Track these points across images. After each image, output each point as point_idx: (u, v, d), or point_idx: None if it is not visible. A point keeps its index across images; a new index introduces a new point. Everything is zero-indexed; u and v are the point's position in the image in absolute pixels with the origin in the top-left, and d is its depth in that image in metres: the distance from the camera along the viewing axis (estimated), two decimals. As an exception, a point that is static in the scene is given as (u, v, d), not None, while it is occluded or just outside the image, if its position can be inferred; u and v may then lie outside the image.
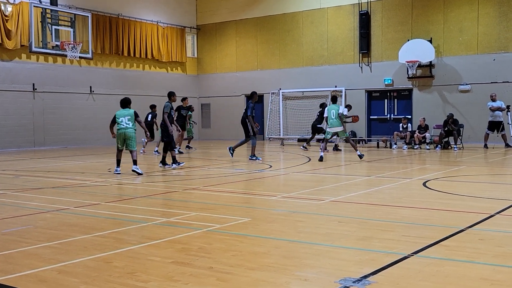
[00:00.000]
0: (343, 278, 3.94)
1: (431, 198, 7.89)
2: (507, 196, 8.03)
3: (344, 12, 23.60)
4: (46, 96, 21.75)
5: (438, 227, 5.77)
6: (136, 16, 25.06)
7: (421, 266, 4.27)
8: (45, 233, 5.74)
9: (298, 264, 4.42)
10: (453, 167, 12.64)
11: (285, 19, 25.30)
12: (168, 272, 4.23)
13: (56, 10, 20.38)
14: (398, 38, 22.16)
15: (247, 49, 26.66)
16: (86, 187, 9.68)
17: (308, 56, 24.69)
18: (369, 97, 23.51)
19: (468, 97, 20.89)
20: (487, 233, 5.48)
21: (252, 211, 6.94)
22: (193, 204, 7.62)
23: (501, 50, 20.24)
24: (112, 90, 23.83)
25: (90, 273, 4.24)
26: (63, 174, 11.89)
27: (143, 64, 25.81)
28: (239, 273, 4.18)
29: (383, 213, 6.71)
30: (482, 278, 3.95)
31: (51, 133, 21.92)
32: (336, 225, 5.98)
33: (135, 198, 8.25)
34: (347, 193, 8.54)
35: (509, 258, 4.50)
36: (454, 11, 21.14)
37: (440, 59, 21.46)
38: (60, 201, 7.96)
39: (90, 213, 7.00)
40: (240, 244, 5.10)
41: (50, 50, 20.25)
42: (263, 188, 9.46)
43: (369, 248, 4.88)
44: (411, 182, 9.75)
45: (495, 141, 18.76)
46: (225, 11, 27.20)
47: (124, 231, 5.79)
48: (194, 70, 28.46)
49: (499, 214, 6.44)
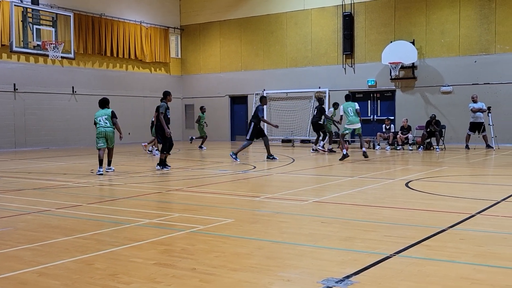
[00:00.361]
0: (325, 278, 3.96)
1: (413, 199, 7.96)
2: (487, 196, 8.13)
3: (327, 13, 23.71)
4: (27, 97, 21.49)
5: (420, 227, 5.82)
6: (119, 16, 24.90)
7: (403, 266, 4.30)
8: (25, 235, 5.66)
9: (281, 264, 4.42)
10: (435, 167, 12.76)
11: (269, 20, 25.34)
12: (150, 273, 4.20)
13: (37, 9, 20.16)
14: (381, 39, 22.32)
15: (231, 49, 26.64)
16: (67, 188, 9.58)
17: (292, 57, 24.75)
18: (353, 98, 23.55)
19: (450, 98, 21.12)
20: (468, 233, 5.54)
21: (235, 212, 6.93)
22: (176, 205, 7.59)
23: (482, 52, 20.50)
24: (94, 90, 23.62)
25: (71, 275, 4.20)
26: (44, 175, 11.75)
27: (126, 64, 25.65)
28: (222, 274, 4.17)
29: (365, 214, 6.75)
30: (462, 278, 4.00)
31: (32, 134, 21.66)
32: (319, 226, 6.00)
33: (118, 200, 8.18)
34: (330, 194, 8.57)
35: (489, 258, 4.55)
36: (436, 14, 21.37)
37: (423, 61, 21.67)
38: (41, 202, 7.87)
39: (71, 214, 6.93)
40: (223, 245, 5.09)
41: (32, 50, 20.03)
42: (247, 189, 9.45)
43: (352, 248, 4.90)
44: (394, 183, 9.83)
45: (476, 142, 18.99)
46: (209, 11, 27.15)
47: (106, 232, 5.75)
48: (177, 70, 28.37)
49: (479, 214, 6.52)
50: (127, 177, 11.18)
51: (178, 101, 28.11)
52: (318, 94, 22.27)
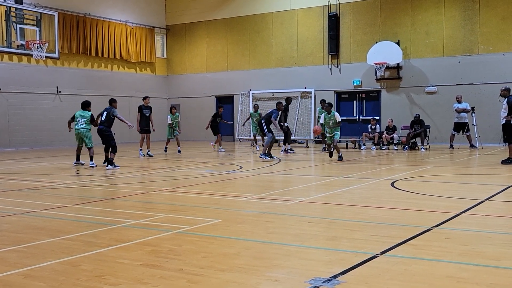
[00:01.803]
0: (313, 278, 3.97)
1: (399, 198, 8.02)
2: (472, 195, 8.22)
3: (313, 13, 23.79)
4: (10, 97, 21.25)
5: (405, 227, 5.87)
6: (104, 15, 24.73)
7: (390, 265, 4.33)
8: (10, 237, 5.60)
9: (268, 264, 4.43)
10: (420, 167, 12.87)
11: (255, 20, 25.35)
12: (137, 274, 4.18)
13: (21, 8, 19.95)
14: (366, 40, 22.46)
15: (217, 49, 26.60)
16: (52, 189, 9.49)
17: (278, 57, 24.79)
18: (338, 98, 23.75)
19: (434, 98, 21.32)
20: (453, 232, 5.60)
21: (222, 212, 6.92)
22: (162, 206, 7.56)
23: (466, 52, 20.72)
24: (79, 90, 23.43)
25: (57, 277, 4.16)
26: (28, 176, 11.63)
27: (111, 64, 25.48)
28: (210, 275, 4.16)
29: (352, 213, 6.78)
30: (448, 276, 4.04)
31: (16, 134, 21.42)
32: (306, 226, 6.02)
33: (103, 200, 8.13)
34: (316, 194, 8.60)
35: (474, 257, 4.61)
36: (421, 14, 21.55)
37: (408, 61, 21.84)
38: (25, 203, 7.79)
39: (57, 215, 6.87)
40: (210, 246, 5.08)
41: (15, 49, 19.81)
42: (233, 189, 9.45)
43: (339, 248, 4.93)
44: (379, 183, 9.89)
45: (461, 141, 19.19)
46: (195, 11, 27.08)
47: (92, 233, 5.71)
48: (163, 70, 28.25)
49: (464, 213, 6.59)
50: (113, 178, 11.11)
51: (163, 101, 28.01)
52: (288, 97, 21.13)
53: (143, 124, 16.57)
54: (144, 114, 16.56)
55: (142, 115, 16.52)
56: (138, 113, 16.59)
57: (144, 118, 16.57)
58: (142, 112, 16.54)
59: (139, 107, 16.68)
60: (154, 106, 27.11)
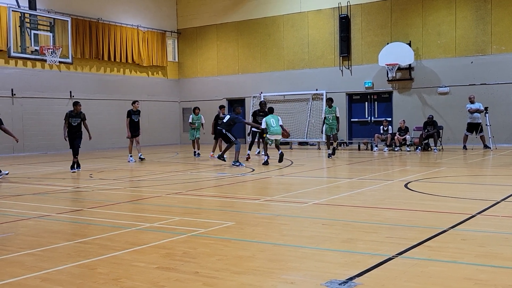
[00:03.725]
0: (329, 281, 3.96)
1: (413, 200, 7.97)
2: (487, 196, 8.15)
3: (324, 16, 23.76)
4: (25, 102, 21.46)
5: (421, 228, 5.83)
6: (116, 20, 24.89)
7: (406, 267, 4.31)
8: (27, 241, 5.66)
9: (283, 267, 4.42)
10: (433, 168, 12.79)
11: (265, 23, 25.37)
12: (153, 277, 4.20)
13: (35, 14, 20.14)
14: (377, 41, 22.37)
15: (228, 53, 26.66)
16: (67, 193, 9.57)
17: (289, 60, 24.78)
18: (350, 100, 23.68)
19: (447, 99, 21.17)
20: (469, 233, 5.56)
21: (236, 215, 6.93)
22: (176, 209, 7.58)
23: (478, 53, 20.57)
24: (92, 95, 23.61)
25: (74, 280, 4.20)
26: (43, 180, 11.73)
27: (123, 68, 25.63)
28: (225, 278, 4.17)
29: (366, 215, 6.76)
30: (466, 278, 4.01)
31: (30, 139, 21.61)
32: (320, 228, 6.01)
33: (118, 204, 8.18)
34: (330, 196, 8.58)
35: (492, 258, 4.57)
36: (432, 15, 21.43)
37: (419, 62, 21.72)
38: (41, 207, 7.86)
39: (72, 219, 6.92)
40: (225, 248, 5.09)
41: (29, 55, 19.98)
42: (246, 192, 9.46)
43: (354, 250, 4.91)
44: (392, 184, 9.84)
45: (474, 142, 19.04)
46: (206, 15, 27.17)
47: (108, 237, 5.74)
48: (175, 74, 28.36)
49: (480, 215, 6.53)
50: (126, 181, 11.17)
51: (175, 104, 28.12)
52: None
53: (132, 129, 16.18)
54: (133, 119, 16.17)
55: (131, 120, 16.13)
56: (127, 119, 16.13)
57: (133, 123, 16.18)
58: (131, 118, 16.14)
59: (128, 112, 16.23)
60: (166, 110, 27.45)
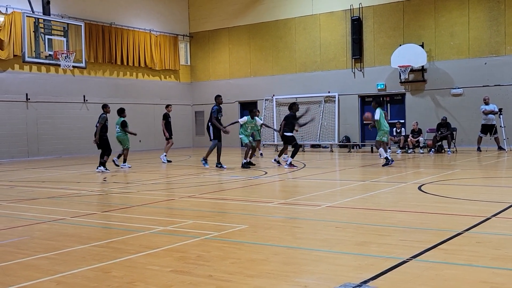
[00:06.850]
0: (343, 284, 3.95)
1: (427, 202, 7.92)
2: (502, 198, 8.06)
3: (336, 18, 23.72)
4: (39, 106, 21.69)
5: (435, 231, 5.79)
6: (128, 24, 25.07)
7: (420, 270, 4.28)
8: (42, 244, 5.71)
9: (297, 270, 4.42)
10: (447, 170, 12.69)
11: (277, 25, 25.39)
12: (167, 281, 4.21)
13: (49, 19, 20.32)
14: (390, 43, 22.28)
15: (240, 56, 26.71)
16: (81, 196, 9.64)
17: (301, 62, 24.77)
18: (362, 102, 23.59)
19: (460, 100, 21.01)
20: (484, 236, 5.50)
21: (249, 218, 6.93)
22: (189, 212, 7.60)
23: (492, 54, 20.39)
24: (105, 99, 23.73)
25: (89, 283, 4.22)
26: (58, 184, 11.83)
27: (136, 72, 25.80)
28: (239, 281, 4.17)
29: (379, 218, 6.72)
30: (481, 281, 3.97)
31: (45, 143, 21.83)
32: (334, 231, 5.99)
33: (131, 207, 8.22)
34: (343, 198, 8.56)
35: (508, 261, 4.52)
36: (445, 16, 21.29)
37: (432, 64, 21.59)
38: (56, 211, 7.93)
39: (86, 223, 6.97)
40: (238, 252, 5.10)
41: (43, 59, 20.16)
42: (259, 195, 9.46)
43: (368, 253, 4.89)
44: (406, 186, 9.78)
45: (488, 144, 18.86)
46: (218, 18, 27.26)
47: (122, 240, 5.77)
48: (187, 77, 28.48)
49: (495, 217, 6.47)
50: (139, 185, 11.23)
51: (188, 108, 28.23)
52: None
53: (170, 131, 17.42)
54: (169, 121, 17.47)
55: (167, 122, 17.37)
56: (163, 121, 17.42)
57: (169, 125, 17.44)
58: (167, 120, 17.40)
59: (165, 115, 17.48)
60: (179, 113, 27.53)
